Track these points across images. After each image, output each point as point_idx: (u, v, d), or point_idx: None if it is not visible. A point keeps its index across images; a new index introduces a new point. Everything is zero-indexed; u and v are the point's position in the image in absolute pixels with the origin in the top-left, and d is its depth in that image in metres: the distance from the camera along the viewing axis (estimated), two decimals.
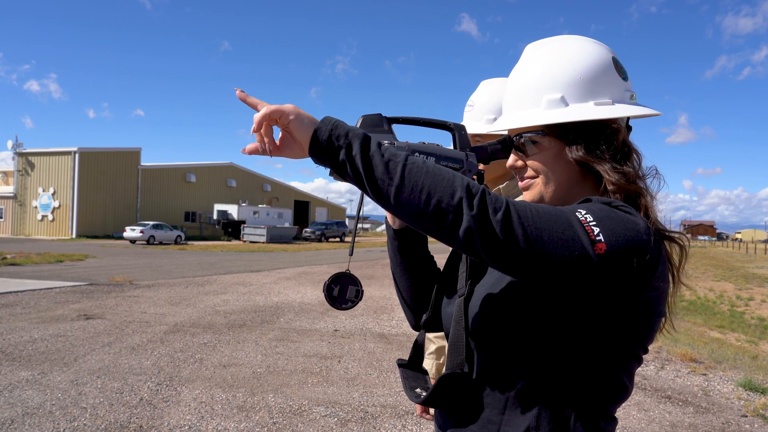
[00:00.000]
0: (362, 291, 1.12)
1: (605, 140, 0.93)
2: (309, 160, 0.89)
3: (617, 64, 0.98)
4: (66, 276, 13.50)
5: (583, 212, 0.81)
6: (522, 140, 0.98)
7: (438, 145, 1.00)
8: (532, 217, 0.78)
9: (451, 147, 1.04)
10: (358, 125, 0.98)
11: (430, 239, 1.21)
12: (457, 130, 1.03)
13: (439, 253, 1.24)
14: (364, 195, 0.90)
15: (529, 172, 0.99)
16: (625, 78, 0.99)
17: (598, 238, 0.78)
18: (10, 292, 10.28)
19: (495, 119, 1.68)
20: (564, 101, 0.95)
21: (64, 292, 10.59)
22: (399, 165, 0.80)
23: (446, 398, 0.96)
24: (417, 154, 0.95)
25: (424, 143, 0.99)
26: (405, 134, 1.07)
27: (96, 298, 9.97)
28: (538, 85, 0.97)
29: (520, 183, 1.02)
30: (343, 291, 1.10)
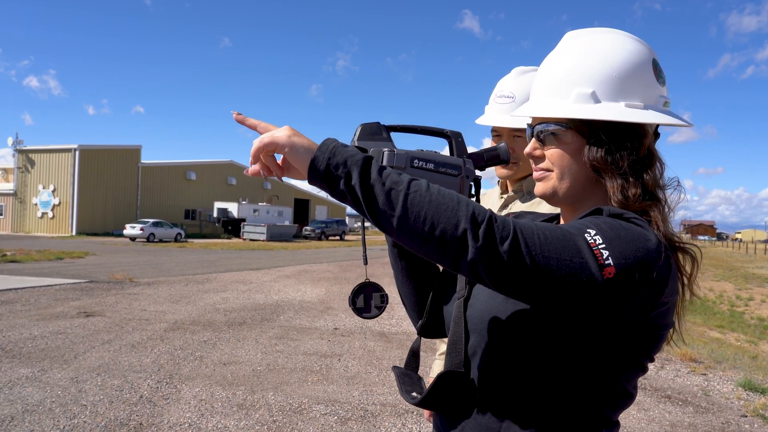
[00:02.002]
0: (387, 295, 1.13)
1: (628, 145, 0.90)
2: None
3: (656, 67, 0.94)
4: (66, 273, 13.50)
5: (593, 233, 0.79)
6: (544, 130, 0.95)
7: (436, 152, 1.01)
8: (540, 244, 0.75)
9: (447, 153, 1.04)
10: (357, 134, 0.98)
11: None
12: (453, 138, 1.04)
13: None
14: None
15: (546, 164, 0.96)
16: (662, 83, 0.94)
17: (607, 262, 0.76)
18: (10, 289, 10.28)
19: None
20: (594, 97, 0.91)
21: (64, 290, 10.59)
22: (401, 194, 0.77)
23: (443, 398, 0.94)
24: (416, 161, 0.96)
25: (422, 150, 1.00)
26: (405, 140, 1.08)
27: (96, 296, 9.97)
28: (571, 77, 0.93)
29: (534, 173, 0.99)
30: (367, 300, 1.12)
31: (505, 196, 1.74)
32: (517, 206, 1.65)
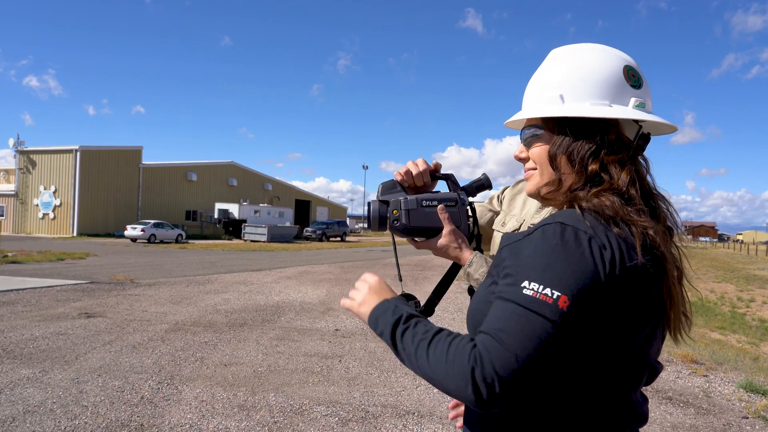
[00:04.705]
0: (419, 302, 1.27)
1: (590, 139, 0.98)
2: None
3: (629, 72, 1.03)
4: (67, 274, 13.51)
5: (527, 284, 0.84)
6: (526, 134, 1.07)
7: (438, 191, 1.27)
8: (515, 358, 0.79)
9: (447, 191, 1.29)
10: (379, 191, 1.26)
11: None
12: (447, 178, 1.28)
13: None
14: (394, 235, 1.25)
15: (530, 164, 1.07)
16: (636, 86, 1.02)
17: (555, 296, 0.81)
18: (12, 290, 10.29)
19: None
20: (561, 99, 1.01)
21: (65, 291, 10.60)
22: (412, 364, 0.91)
23: None
24: (424, 201, 1.23)
25: (427, 193, 1.26)
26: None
27: (97, 297, 9.98)
28: (544, 84, 1.05)
29: (524, 174, 1.10)
30: None
31: None
32: None
